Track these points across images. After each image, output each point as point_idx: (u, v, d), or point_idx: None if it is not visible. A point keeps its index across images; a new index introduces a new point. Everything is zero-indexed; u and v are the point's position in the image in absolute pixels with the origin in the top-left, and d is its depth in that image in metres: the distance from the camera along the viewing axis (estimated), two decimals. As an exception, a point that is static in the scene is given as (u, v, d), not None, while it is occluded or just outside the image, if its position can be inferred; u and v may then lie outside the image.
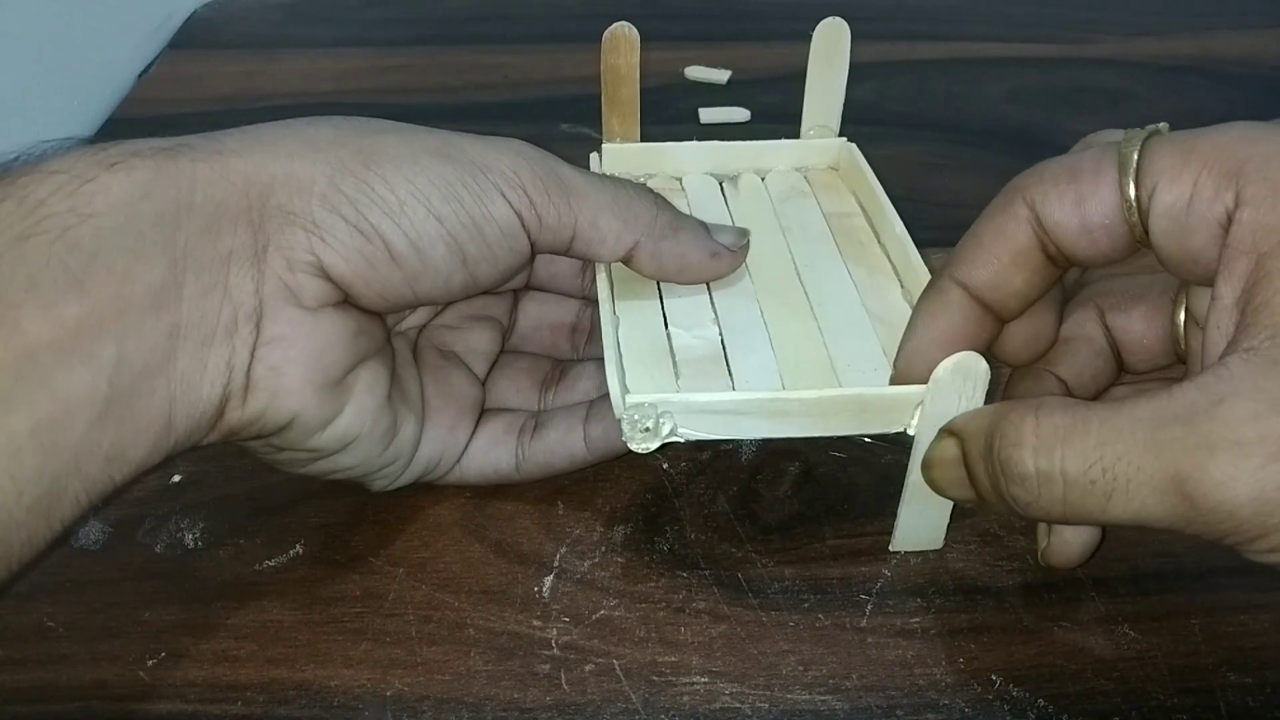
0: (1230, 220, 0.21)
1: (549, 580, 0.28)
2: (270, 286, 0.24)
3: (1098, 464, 0.20)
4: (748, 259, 0.30)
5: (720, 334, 0.28)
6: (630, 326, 0.28)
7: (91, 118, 0.50)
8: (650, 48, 0.34)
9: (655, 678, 0.25)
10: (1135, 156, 0.22)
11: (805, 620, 0.27)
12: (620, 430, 0.25)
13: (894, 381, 0.25)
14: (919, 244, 0.29)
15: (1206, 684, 0.25)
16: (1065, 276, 0.26)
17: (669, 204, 0.29)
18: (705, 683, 0.25)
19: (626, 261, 0.28)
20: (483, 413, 0.30)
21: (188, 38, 0.58)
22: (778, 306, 0.29)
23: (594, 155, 0.35)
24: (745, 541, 0.29)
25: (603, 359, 0.29)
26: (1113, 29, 0.58)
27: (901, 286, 0.29)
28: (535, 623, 0.27)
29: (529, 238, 0.26)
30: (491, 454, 0.29)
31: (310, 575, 0.28)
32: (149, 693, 0.25)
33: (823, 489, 0.30)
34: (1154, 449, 0.19)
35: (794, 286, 0.30)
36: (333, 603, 0.27)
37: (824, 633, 0.26)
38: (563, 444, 0.29)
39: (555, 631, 0.26)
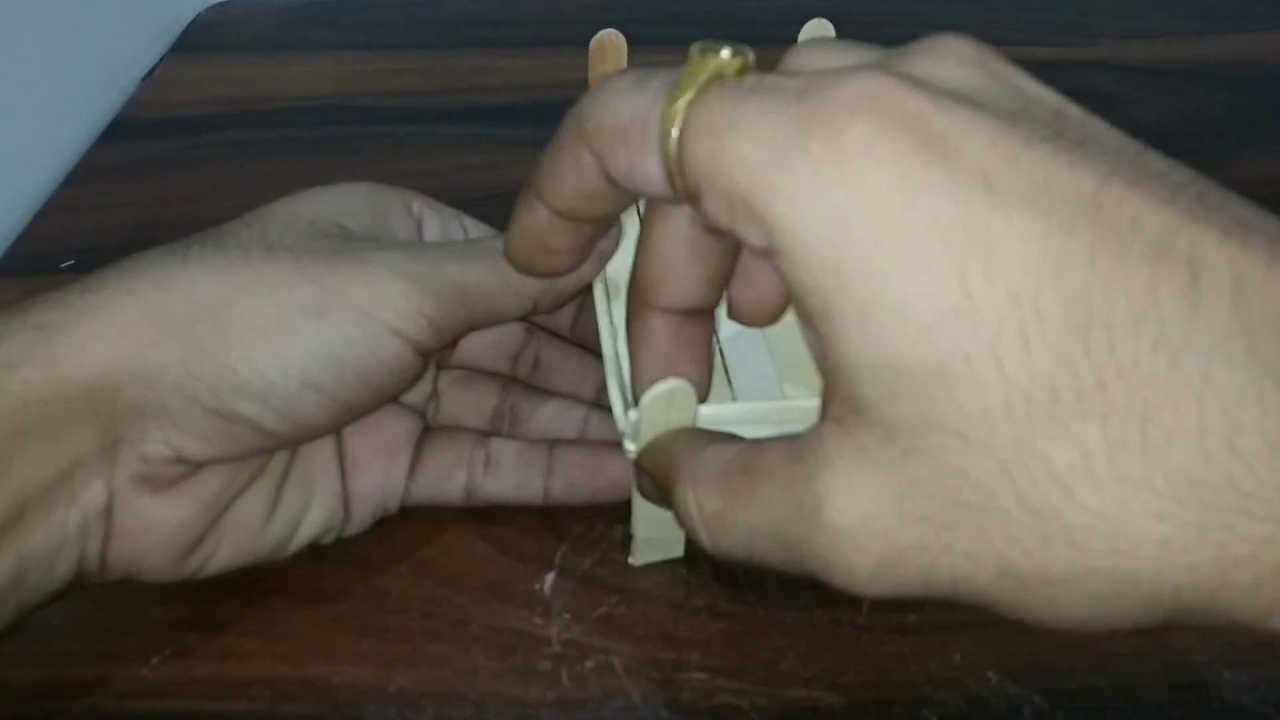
0: (773, 259, 0.17)
1: (550, 577, 0.28)
2: (121, 480, 0.23)
3: (754, 554, 0.19)
4: None
5: (718, 343, 0.28)
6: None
7: (96, 120, 0.50)
8: (645, 52, 0.34)
9: (655, 674, 0.26)
10: (673, 138, 0.18)
11: (803, 617, 0.27)
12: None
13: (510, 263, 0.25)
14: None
15: (1201, 681, 0.25)
16: None
17: None
18: (704, 679, 0.26)
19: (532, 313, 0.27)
20: (428, 431, 0.29)
21: (192, 41, 0.58)
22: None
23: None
24: (744, 540, 0.29)
25: (561, 395, 0.29)
26: (1106, 32, 0.59)
27: None
28: (537, 619, 0.27)
29: (425, 356, 0.25)
30: (440, 489, 0.29)
31: (314, 572, 0.28)
32: (153, 690, 0.25)
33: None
34: (786, 548, 0.18)
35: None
36: (336, 600, 0.27)
37: (822, 629, 0.27)
38: (519, 491, 0.29)
39: (557, 628, 0.27)
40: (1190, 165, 0.16)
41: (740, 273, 0.23)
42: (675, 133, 0.18)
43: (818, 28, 0.34)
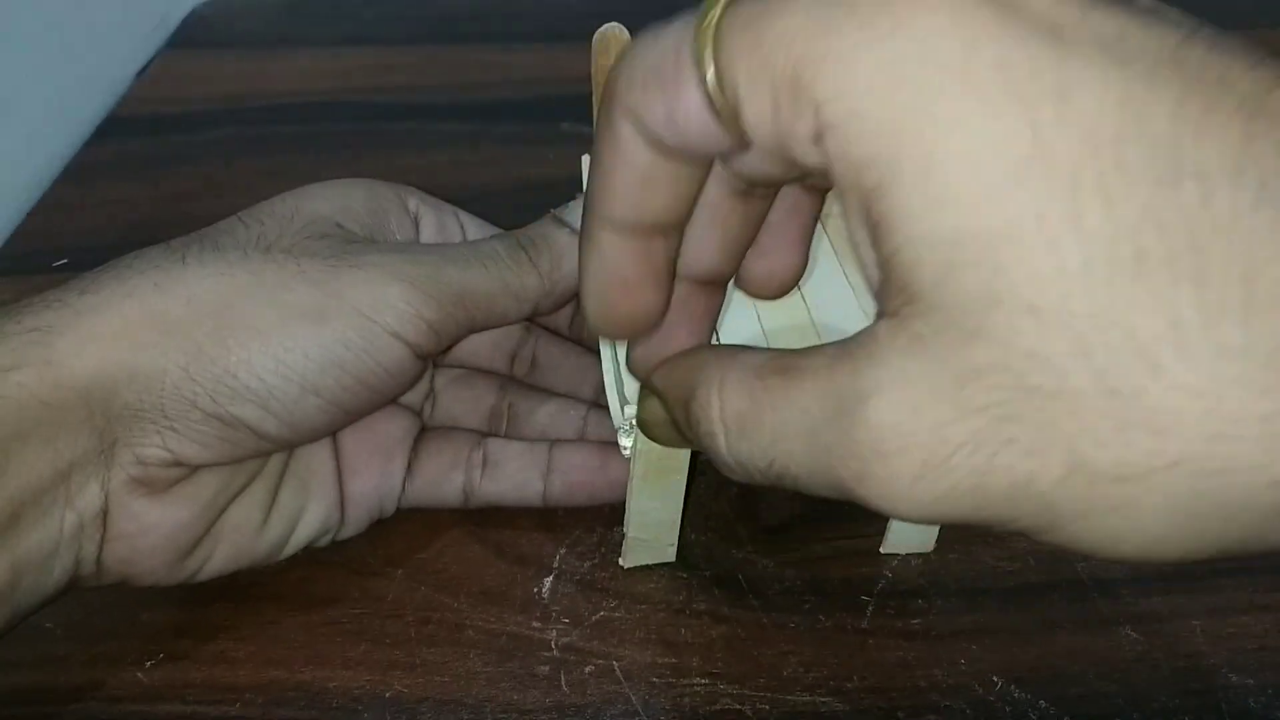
0: (819, 144, 0.16)
1: (549, 581, 0.28)
2: (118, 482, 0.23)
3: (776, 461, 0.18)
4: None
5: (717, 340, 0.28)
6: None
7: (89, 117, 0.50)
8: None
9: (655, 679, 0.25)
10: (709, 53, 0.17)
11: (806, 621, 0.27)
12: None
13: (591, 331, 0.22)
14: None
15: (1208, 685, 0.25)
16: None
17: (545, 242, 0.27)
18: (706, 684, 0.25)
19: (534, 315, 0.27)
20: (425, 431, 0.29)
21: (186, 36, 0.58)
22: (774, 311, 0.29)
23: (586, 157, 0.35)
24: (746, 542, 0.29)
25: (559, 395, 0.28)
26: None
27: None
28: (535, 624, 0.27)
29: (424, 359, 0.25)
30: (437, 490, 0.28)
31: (309, 576, 0.28)
32: (147, 694, 0.25)
33: (823, 489, 0.30)
34: (815, 454, 0.17)
35: (790, 290, 0.30)
36: (331, 604, 0.27)
37: (825, 634, 0.26)
38: (518, 492, 0.28)
39: (555, 633, 0.26)
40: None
41: (755, 243, 0.22)
42: (709, 45, 0.16)
43: None
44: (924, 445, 0.15)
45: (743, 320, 0.28)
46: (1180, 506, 0.14)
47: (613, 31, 0.32)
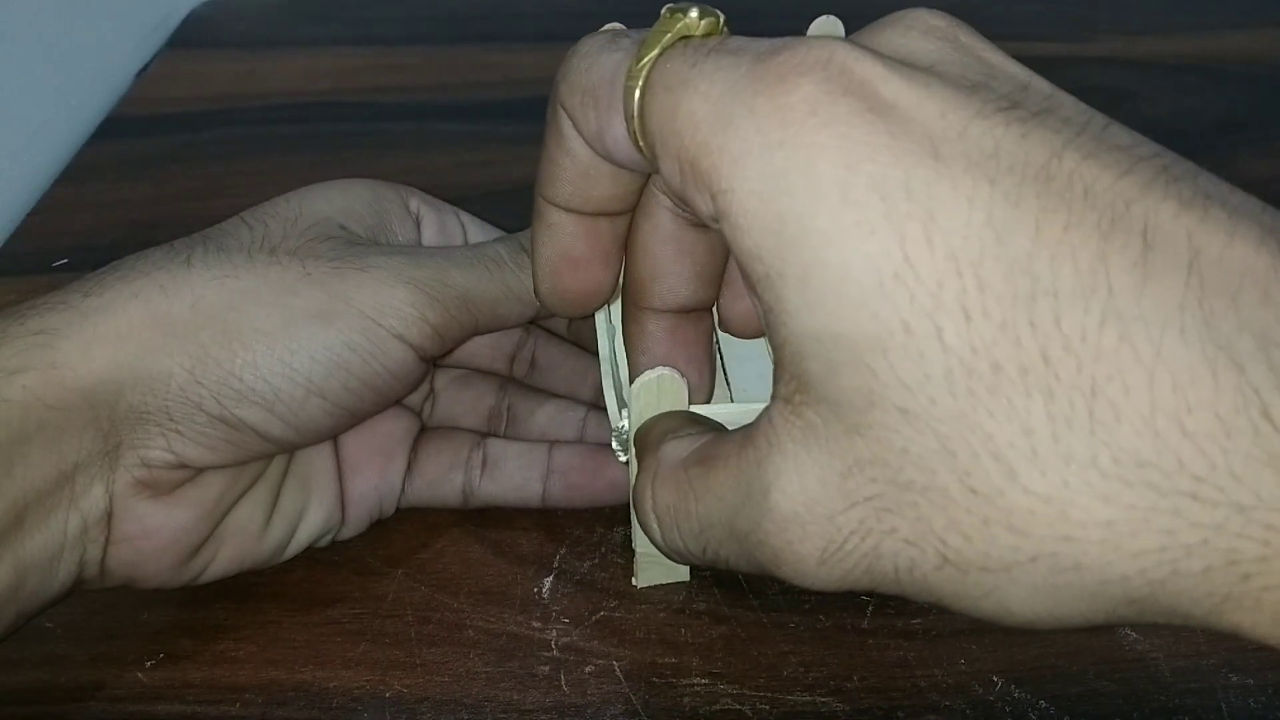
0: (719, 226, 0.17)
1: (549, 581, 0.28)
2: (122, 485, 0.23)
3: (707, 548, 0.19)
4: None
5: (717, 345, 0.28)
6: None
7: (89, 117, 0.50)
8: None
9: (655, 679, 0.25)
10: (635, 98, 0.18)
11: (806, 621, 0.27)
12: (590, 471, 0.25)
13: (544, 306, 0.23)
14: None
15: (1208, 685, 0.25)
16: None
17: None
18: (706, 684, 0.25)
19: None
20: (425, 431, 0.29)
21: (186, 36, 0.58)
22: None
23: None
24: (746, 542, 0.29)
25: (559, 396, 0.28)
26: (1114, 28, 0.58)
27: None
28: (535, 624, 0.27)
29: (427, 362, 0.25)
30: (437, 490, 0.28)
31: (309, 576, 0.28)
32: (147, 694, 0.25)
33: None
34: (736, 540, 0.18)
35: None
36: (331, 604, 0.27)
37: (825, 634, 0.26)
38: (517, 493, 0.28)
39: (555, 633, 0.26)
40: (1199, 162, 0.16)
41: (728, 283, 0.22)
42: (637, 91, 0.18)
43: (826, 25, 0.33)
44: (821, 533, 0.16)
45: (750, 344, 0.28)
46: (1042, 593, 0.15)
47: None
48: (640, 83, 0.18)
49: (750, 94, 0.16)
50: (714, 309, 0.24)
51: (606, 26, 0.31)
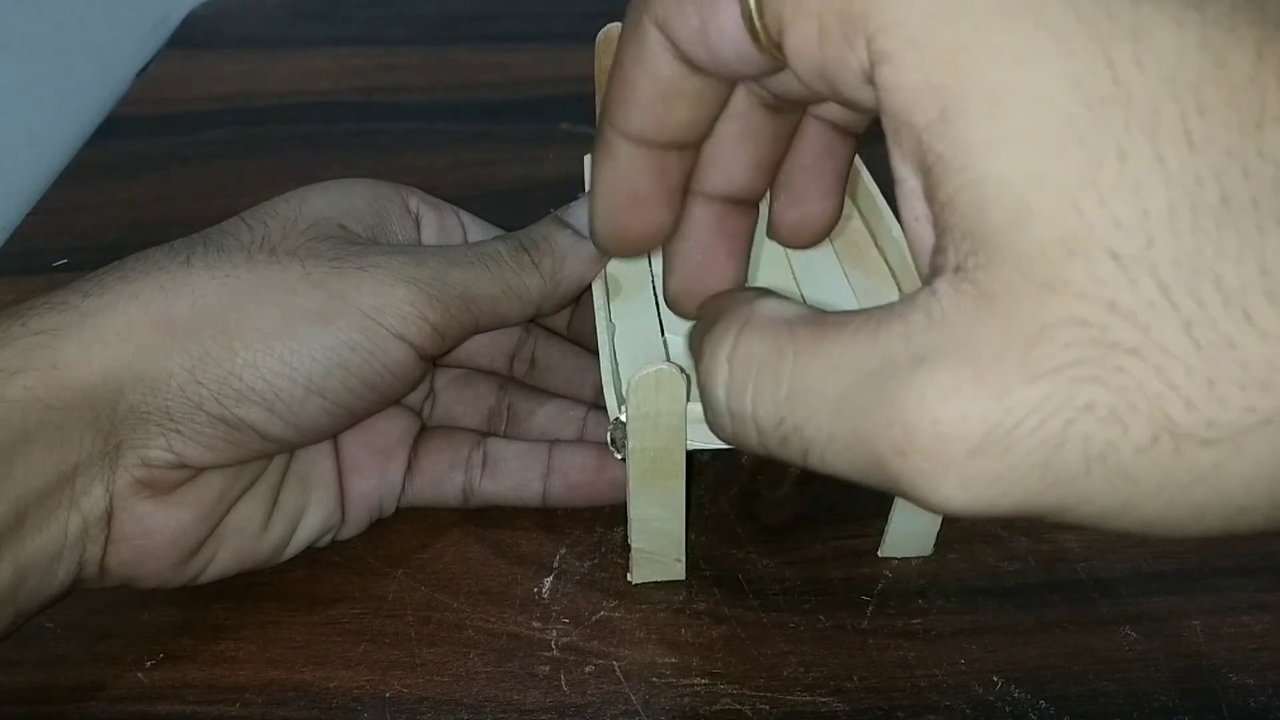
0: (872, 77, 0.15)
1: (549, 581, 0.28)
2: (122, 485, 0.23)
3: (787, 419, 0.16)
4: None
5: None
6: (626, 333, 0.28)
7: (89, 117, 0.50)
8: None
9: (655, 679, 0.25)
10: None
11: (806, 621, 0.27)
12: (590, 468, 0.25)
13: (598, 244, 0.22)
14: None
15: (1208, 685, 0.25)
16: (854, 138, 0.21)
17: (547, 243, 0.27)
18: (706, 684, 0.25)
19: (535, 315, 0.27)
20: (425, 430, 0.29)
21: (186, 36, 0.58)
22: None
23: (589, 157, 0.35)
24: (746, 542, 0.29)
25: (559, 395, 0.28)
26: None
27: (899, 290, 0.29)
28: (535, 624, 0.27)
29: (427, 361, 0.25)
30: (437, 490, 0.28)
31: (309, 576, 0.28)
32: (147, 694, 0.25)
33: (824, 490, 0.30)
34: (844, 418, 0.15)
35: (790, 290, 0.30)
36: (331, 604, 0.27)
37: (825, 634, 0.26)
38: (517, 493, 0.28)
39: (555, 633, 0.26)
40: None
41: (785, 186, 0.21)
42: None
43: None
44: (985, 414, 0.13)
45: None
46: (1268, 472, 0.13)
47: (616, 31, 0.32)
48: None
49: None
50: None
51: (610, 26, 0.31)
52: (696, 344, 0.18)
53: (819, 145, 0.21)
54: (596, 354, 0.26)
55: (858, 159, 0.33)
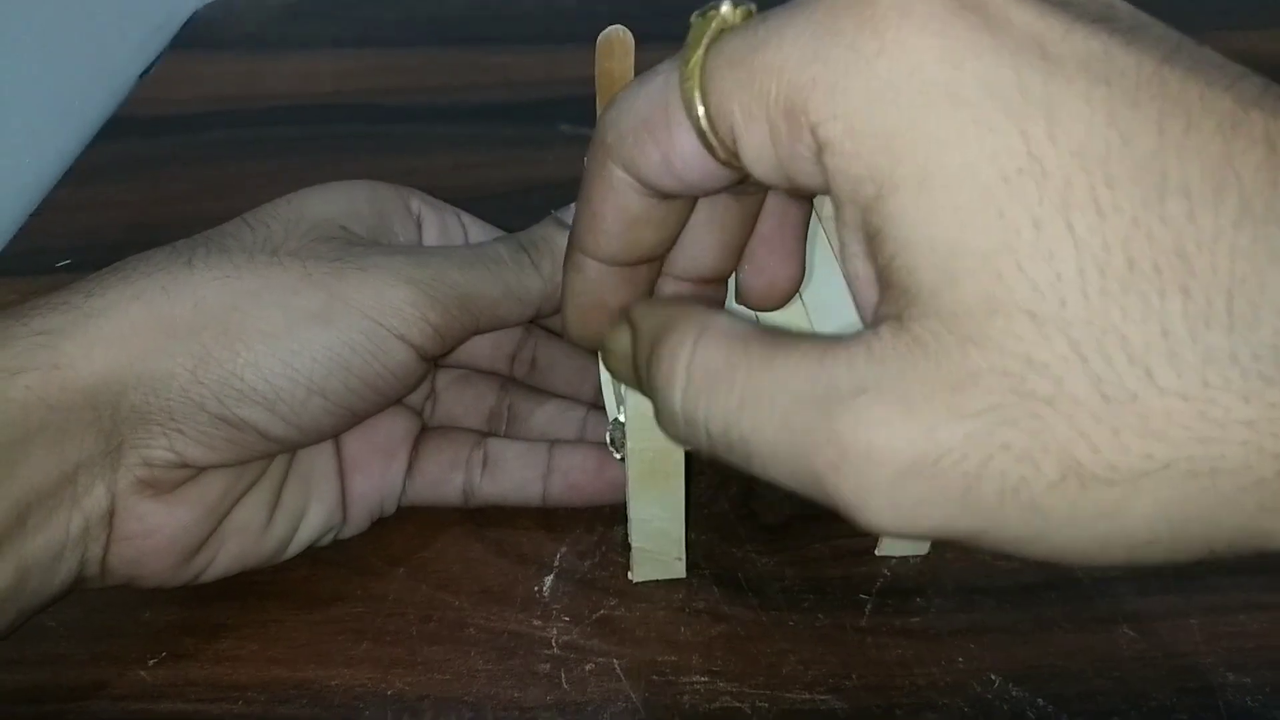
0: (820, 163, 0.16)
1: (549, 580, 0.28)
2: (124, 484, 0.23)
3: (735, 428, 0.17)
4: None
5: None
6: None
7: (92, 118, 0.50)
8: (652, 49, 0.34)
9: (655, 677, 0.25)
10: (697, 95, 0.17)
11: (805, 620, 0.27)
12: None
13: (572, 341, 0.23)
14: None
15: (1206, 684, 0.25)
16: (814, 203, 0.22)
17: (547, 244, 0.27)
18: (705, 682, 0.25)
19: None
20: (425, 430, 0.29)
21: (189, 38, 0.58)
22: (773, 312, 0.29)
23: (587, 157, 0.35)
24: (745, 541, 0.29)
25: (559, 396, 0.28)
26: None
27: None
28: (535, 622, 0.27)
29: (428, 361, 0.25)
30: (438, 490, 0.29)
31: (311, 575, 0.28)
32: (149, 692, 0.25)
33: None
34: (787, 433, 0.16)
35: (791, 299, 0.30)
36: (333, 602, 0.27)
37: (824, 632, 0.26)
38: (518, 492, 0.28)
39: (555, 631, 0.26)
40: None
41: (750, 256, 0.22)
42: (697, 88, 0.17)
43: None
44: (913, 444, 0.15)
45: (740, 312, 0.28)
46: (1167, 511, 0.14)
47: (616, 34, 0.32)
48: (696, 80, 0.17)
49: (830, 20, 0.15)
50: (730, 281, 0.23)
51: (609, 28, 0.31)
52: (644, 351, 0.19)
53: (775, 216, 0.22)
54: (596, 354, 0.26)
55: None
